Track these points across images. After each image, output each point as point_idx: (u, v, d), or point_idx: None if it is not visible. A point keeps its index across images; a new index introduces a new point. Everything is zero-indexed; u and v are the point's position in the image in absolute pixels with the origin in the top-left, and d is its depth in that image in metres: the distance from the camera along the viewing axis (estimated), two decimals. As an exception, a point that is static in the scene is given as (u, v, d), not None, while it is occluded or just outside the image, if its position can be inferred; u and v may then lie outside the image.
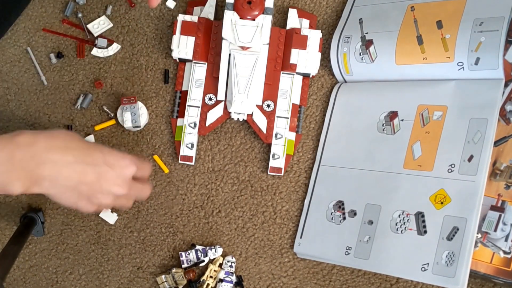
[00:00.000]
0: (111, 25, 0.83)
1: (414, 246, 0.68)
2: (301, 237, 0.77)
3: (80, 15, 0.83)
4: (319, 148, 0.79)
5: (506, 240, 0.68)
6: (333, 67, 0.79)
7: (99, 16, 0.83)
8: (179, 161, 0.79)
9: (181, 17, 0.79)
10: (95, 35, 0.82)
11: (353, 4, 0.81)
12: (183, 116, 0.79)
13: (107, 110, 0.82)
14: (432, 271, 0.66)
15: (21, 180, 0.57)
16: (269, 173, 0.79)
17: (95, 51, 0.82)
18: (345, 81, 0.80)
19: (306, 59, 0.78)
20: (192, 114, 0.79)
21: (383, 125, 0.76)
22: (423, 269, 0.67)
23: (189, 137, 0.79)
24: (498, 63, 0.68)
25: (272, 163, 0.78)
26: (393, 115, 0.75)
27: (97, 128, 0.81)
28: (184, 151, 0.79)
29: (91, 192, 0.62)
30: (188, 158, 0.79)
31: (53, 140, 0.60)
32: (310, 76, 0.80)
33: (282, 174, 0.79)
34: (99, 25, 0.82)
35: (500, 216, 0.68)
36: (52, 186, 0.59)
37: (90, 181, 0.61)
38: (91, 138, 0.81)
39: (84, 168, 0.61)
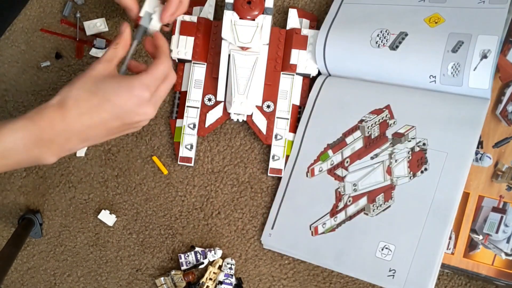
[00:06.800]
0: (107, 29, 0.82)
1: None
2: (272, 228, 0.77)
3: (78, 15, 0.83)
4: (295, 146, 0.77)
5: (507, 242, 0.68)
6: (318, 60, 0.77)
7: (97, 17, 0.82)
8: (178, 163, 0.79)
9: (180, 17, 0.79)
10: (87, 34, 0.81)
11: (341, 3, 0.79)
12: (182, 117, 0.79)
13: (105, 111, 0.81)
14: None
15: (53, 154, 0.61)
16: (269, 174, 0.78)
17: (93, 52, 0.82)
18: (329, 75, 0.79)
19: (306, 59, 0.77)
20: (191, 115, 0.79)
21: None
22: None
23: (188, 138, 0.79)
24: None
25: (272, 164, 0.78)
26: None
27: (95, 129, 0.81)
28: (183, 152, 0.79)
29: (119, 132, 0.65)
30: (187, 160, 0.79)
31: (81, 116, 0.60)
32: (310, 77, 0.80)
33: (282, 175, 0.78)
34: (95, 26, 0.82)
35: (501, 217, 0.68)
36: (81, 147, 0.64)
37: (118, 133, 0.65)
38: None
39: (111, 133, 0.64)
